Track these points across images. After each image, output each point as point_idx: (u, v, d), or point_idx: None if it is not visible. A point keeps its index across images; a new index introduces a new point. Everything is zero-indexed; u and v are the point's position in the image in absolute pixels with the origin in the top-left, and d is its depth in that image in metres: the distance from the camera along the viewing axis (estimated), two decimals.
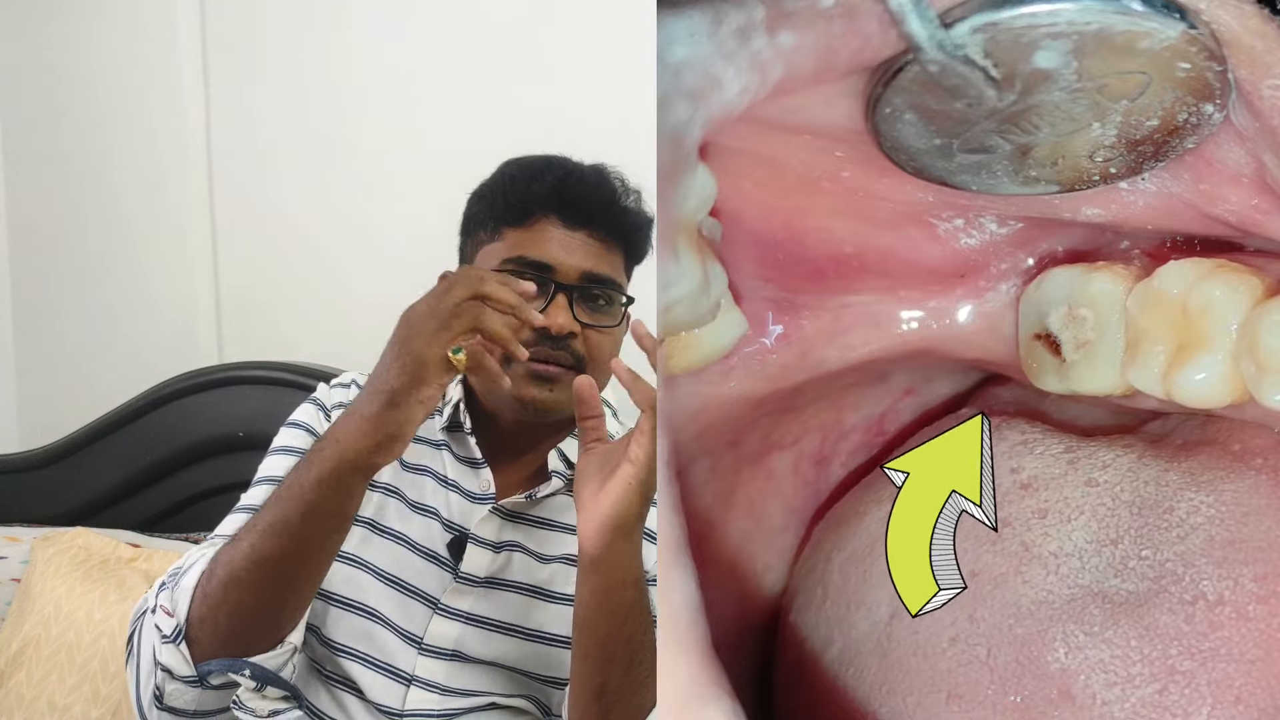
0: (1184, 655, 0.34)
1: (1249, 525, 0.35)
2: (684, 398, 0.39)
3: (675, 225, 0.31)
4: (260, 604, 0.59)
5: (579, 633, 0.57)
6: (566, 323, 0.68)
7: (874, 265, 0.39)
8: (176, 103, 1.34)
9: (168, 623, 0.60)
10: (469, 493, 0.73)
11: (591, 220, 0.70)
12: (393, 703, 0.68)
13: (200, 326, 1.35)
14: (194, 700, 0.61)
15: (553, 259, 0.69)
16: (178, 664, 0.60)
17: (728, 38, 0.27)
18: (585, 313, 0.69)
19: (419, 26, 1.24)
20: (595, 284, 0.70)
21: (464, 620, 0.69)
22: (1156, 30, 0.27)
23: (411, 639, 0.69)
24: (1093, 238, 0.38)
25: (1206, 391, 0.33)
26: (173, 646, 0.60)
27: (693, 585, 0.25)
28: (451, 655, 0.69)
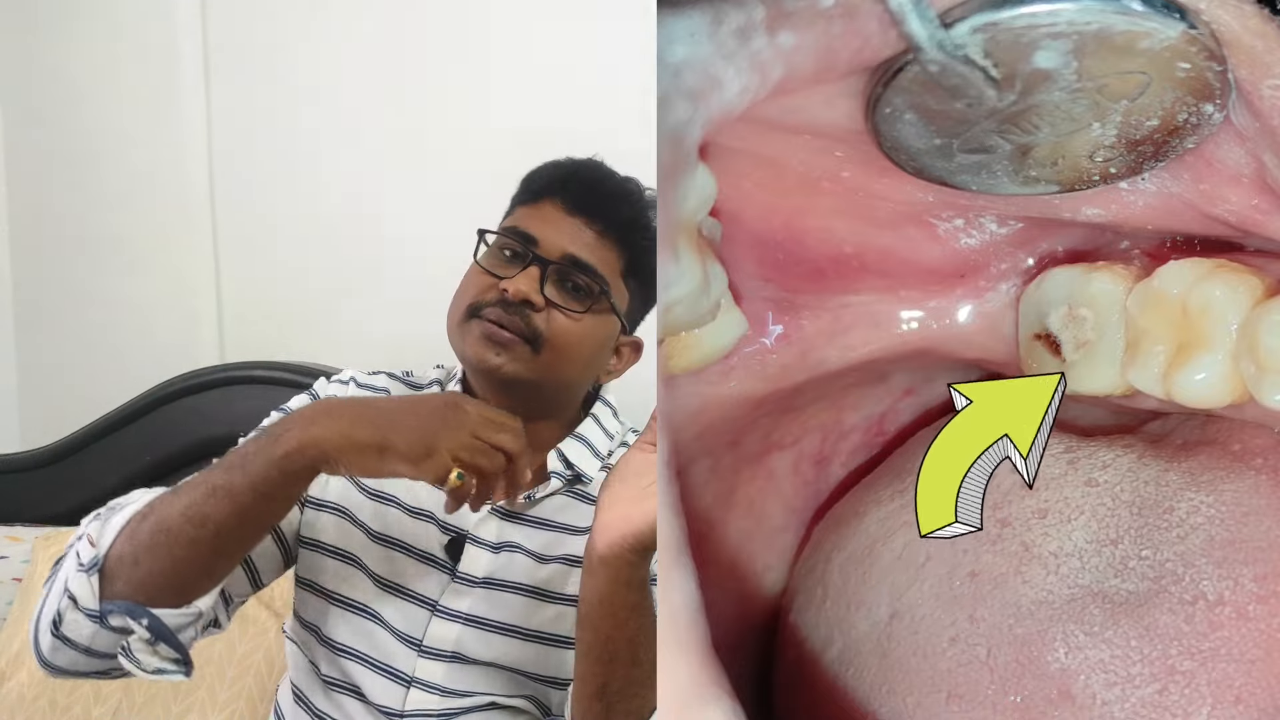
0: (1184, 655, 0.34)
1: (1249, 525, 0.35)
2: (684, 398, 0.39)
3: (675, 225, 0.31)
4: (182, 559, 0.58)
5: (581, 630, 0.57)
6: (525, 289, 0.67)
7: (874, 265, 0.39)
8: (178, 102, 1.34)
9: (88, 551, 0.60)
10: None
11: (592, 210, 0.71)
12: (393, 704, 0.68)
13: (201, 326, 1.35)
14: (89, 636, 0.60)
15: (539, 233, 0.70)
16: (84, 595, 0.59)
17: (728, 38, 0.27)
18: (556, 291, 0.69)
19: (419, 27, 1.24)
20: (574, 266, 0.70)
21: (463, 621, 0.69)
22: (1156, 30, 0.27)
23: (411, 641, 0.69)
24: (1093, 238, 0.38)
25: (1206, 391, 0.33)
26: (85, 575, 0.59)
27: (693, 585, 0.25)
28: (451, 657, 0.69)
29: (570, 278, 0.70)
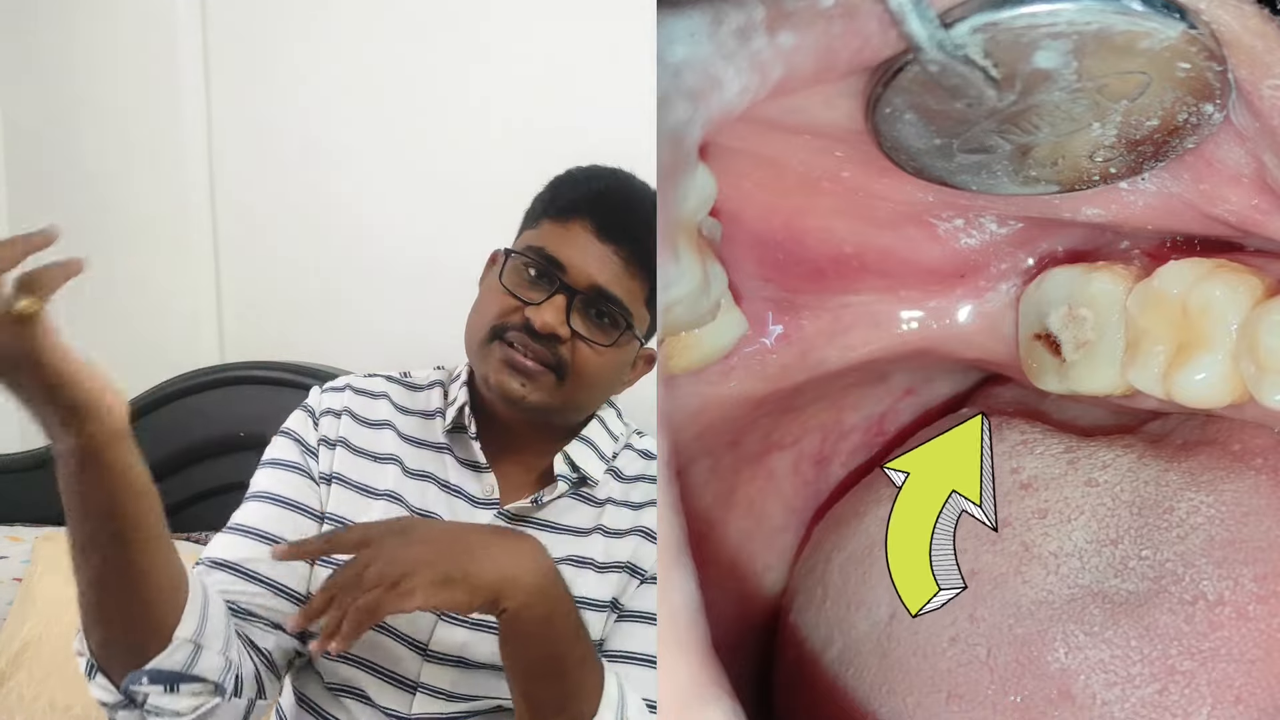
0: (1184, 655, 0.34)
1: (1249, 525, 0.35)
2: (684, 398, 0.39)
3: (675, 225, 0.31)
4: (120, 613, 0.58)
5: (503, 647, 0.58)
6: (552, 322, 0.67)
7: (874, 265, 0.39)
8: (178, 102, 1.34)
9: (82, 661, 0.60)
10: (472, 497, 0.73)
11: (625, 237, 0.69)
12: (400, 708, 0.68)
13: (201, 326, 1.35)
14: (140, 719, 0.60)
15: (568, 260, 0.68)
16: (105, 695, 0.59)
17: (728, 38, 0.27)
18: (582, 323, 0.69)
19: (419, 27, 1.24)
20: (601, 299, 0.69)
21: (469, 625, 0.69)
22: (1156, 30, 0.27)
23: (416, 646, 0.69)
24: (1093, 238, 0.38)
25: (1206, 391, 0.33)
26: (94, 683, 0.60)
27: (693, 585, 0.25)
28: (457, 661, 0.69)
29: (596, 308, 0.69)
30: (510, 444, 0.74)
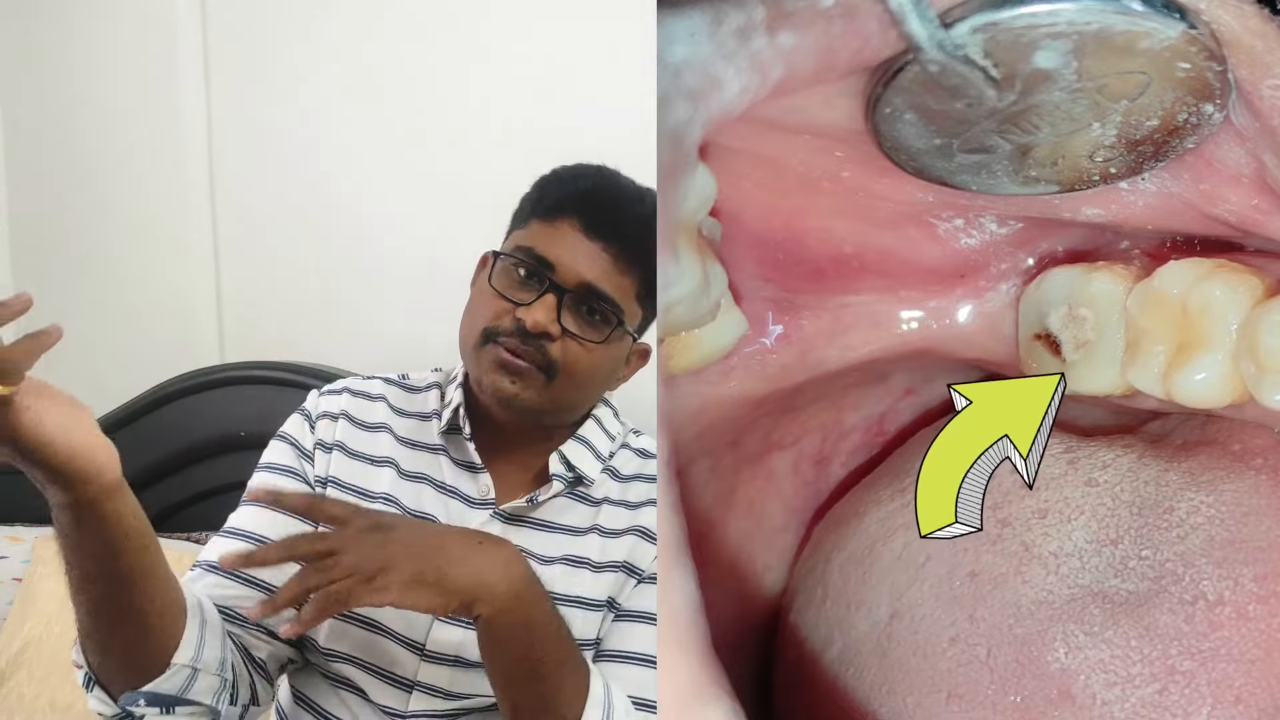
0: (1184, 655, 0.34)
1: (1249, 525, 0.35)
2: (684, 398, 0.39)
3: (675, 225, 0.31)
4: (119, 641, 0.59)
5: (481, 652, 0.58)
6: (543, 320, 0.67)
7: (874, 265, 0.39)
8: (177, 103, 1.34)
9: (80, 675, 0.61)
10: (467, 498, 0.73)
11: (613, 234, 0.69)
12: (396, 706, 0.68)
13: (201, 326, 1.35)
14: None
15: (557, 259, 0.68)
16: (103, 708, 0.60)
17: (728, 38, 0.27)
18: (573, 320, 0.69)
19: (419, 26, 1.24)
20: (591, 296, 0.69)
21: (466, 625, 0.69)
22: (1156, 30, 0.27)
23: (413, 646, 0.69)
24: (1093, 238, 0.38)
25: (1206, 391, 0.33)
26: (92, 696, 0.61)
27: (693, 585, 0.25)
28: (453, 660, 0.69)
29: (587, 305, 0.69)
30: (505, 444, 0.74)
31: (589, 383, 0.71)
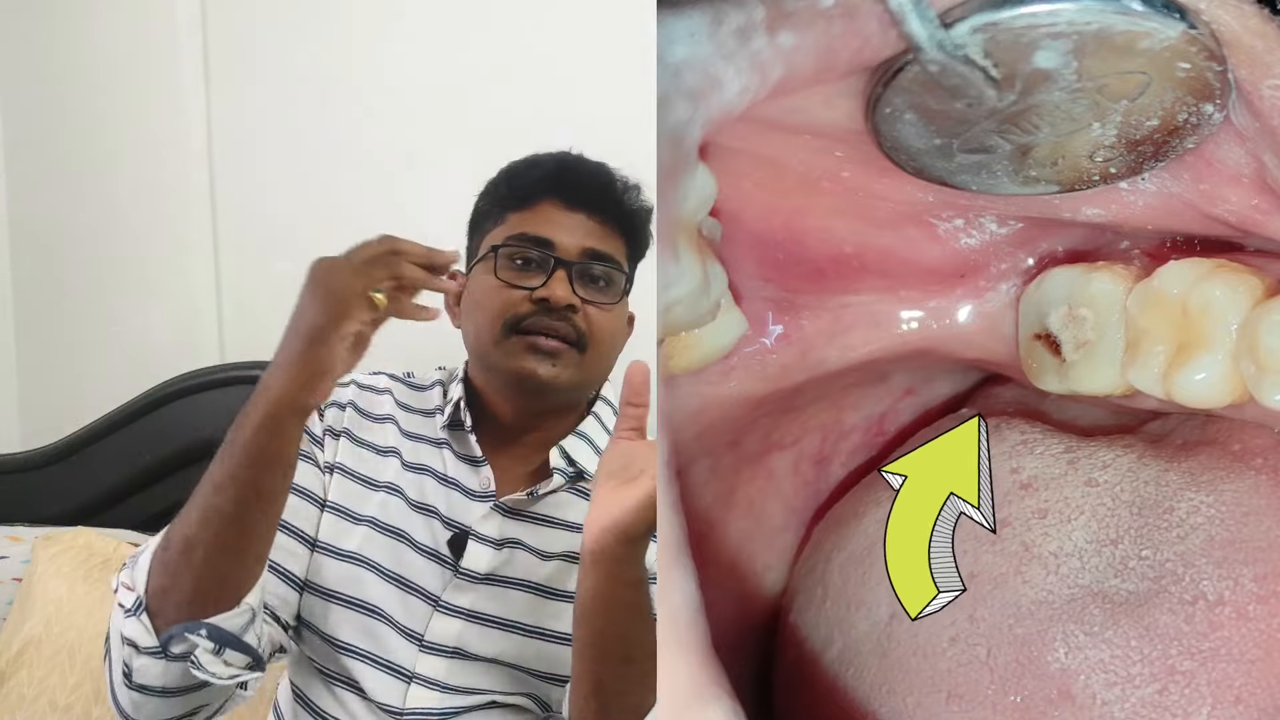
0: (1184, 655, 0.34)
1: (1249, 525, 0.35)
2: (684, 398, 0.39)
3: (675, 225, 0.31)
4: (219, 560, 0.59)
5: (577, 626, 0.57)
6: (565, 294, 0.68)
7: (874, 265, 0.39)
8: (177, 103, 1.34)
9: (129, 596, 0.61)
10: (469, 490, 0.73)
11: (590, 203, 0.71)
12: (393, 700, 0.68)
13: (201, 326, 1.35)
14: (160, 675, 0.60)
15: (553, 235, 0.70)
16: (140, 635, 0.60)
17: (728, 38, 0.27)
18: (585, 289, 0.70)
19: (419, 27, 1.24)
20: (596, 260, 0.70)
21: (465, 617, 0.69)
22: (1156, 30, 0.27)
23: (413, 636, 0.69)
24: (1093, 238, 0.38)
25: (1206, 391, 0.33)
26: (134, 619, 0.60)
27: (693, 585, 0.25)
28: (452, 653, 0.69)
29: (595, 272, 0.70)
30: (507, 438, 0.74)
31: (613, 347, 0.73)
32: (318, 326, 0.59)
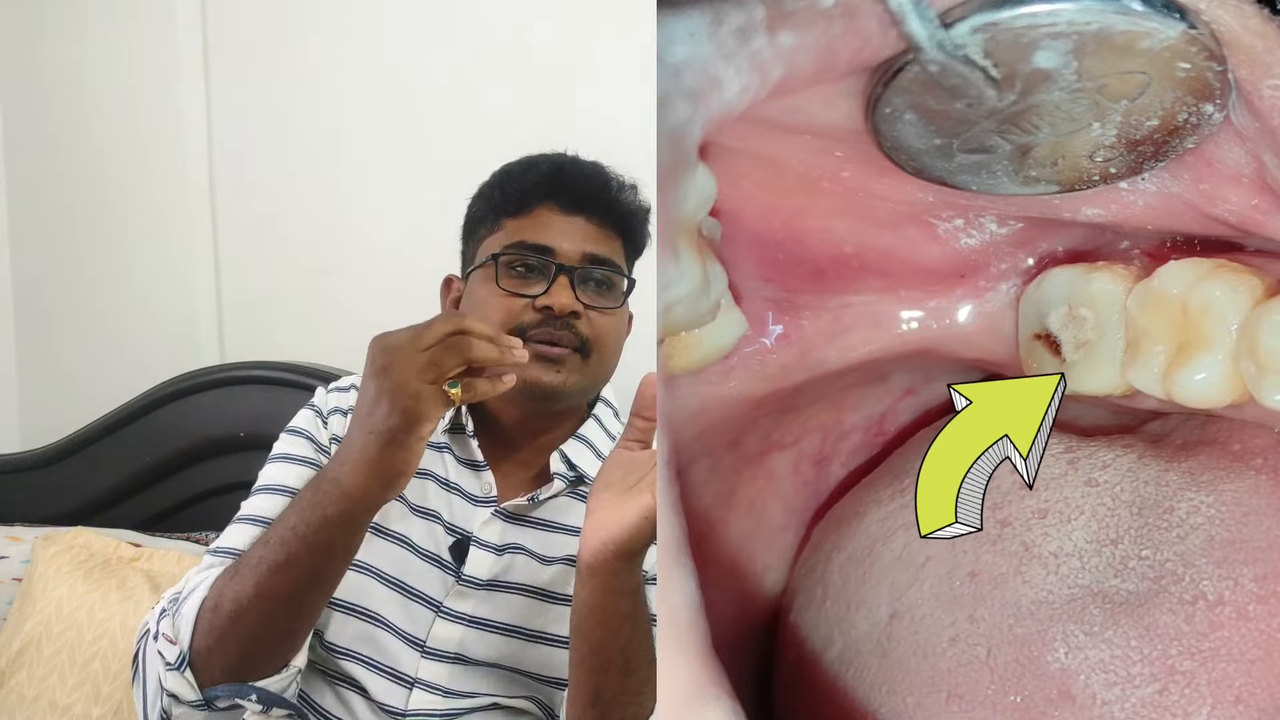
0: (1184, 655, 0.34)
1: (1249, 525, 0.35)
2: (684, 398, 0.39)
3: (675, 225, 0.31)
4: (268, 636, 0.60)
5: (575, 637, 0.57)
6: (569, 302, 0.68)
7: (874, 265, 0.39)
8: (177, 103, 1.34)
9: (171, 650, 0.61)
10: (470, 495, 0.73)
11: (587, 205, 0.71)
12: (396, 703, 0.68)
13: (201, 326, 1.35)
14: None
15: (552, 242, 0.70)
16: (184, 690, 0.60)
17: (728, 38, 0.27)
18: (587, 294, 0.70)
19: (419, 26, 1.24)
20: (596, 265, 0.70)
21: (466, 623, 0.69)
22: (1156, 30, 0.27)
23: (414, 642, 0.69)
24: (1093, 238, 0.38)
25: (1206, 391, 0.33)
26: (178, 674, 0.60)
27: (693, 585, 0.25)
28: (454, 658, 0.69)
29: (597, 277, 0.70)
30: (508, 443, 0.74)
31: (616, 350, 0.73)
32: (395, 429, 0.56)
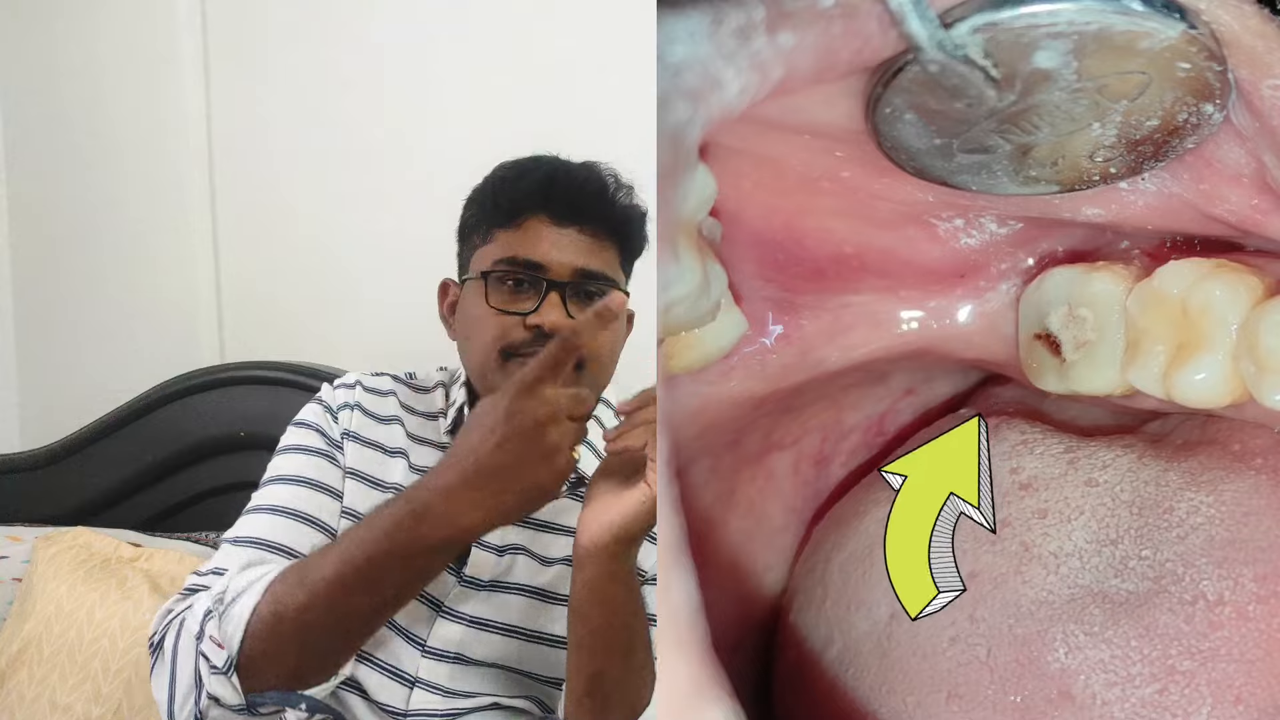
0: (1184, 655, 0.34)
1: (1249, 525, 0.35)
2: (684, 398, 0.39)
3: (675, 225, 0.31)
4: (331, 649, 0.59)
5: (573, 623, 0.57)
6: (559, 320, 0.67)
7: (874, 265, 0.39)
8: (178, 102, 1.34)
9: (218, 654, 0.60)
10: None
11: (581, 216, 0.70)
12: (397, 703, 0.68)
13: (202, 326, 1.35)
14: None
15: (544, 257, 0.69)
16: (228, 694, 0.59)
17: (728, 38, 0.27)
18: (580, 309, 0.69)
19: (420, 26, 1.24)
20: (588, 280, 0.69)
21: (467, 623, 0.69)
22: (1156, 30, 0.27)
23: (415, 641, 0.69)
24: (1093, 238, 0.38)
25: (1206, 391, 0.33)
26: (224, 678, 0.59)
27: (693, 585, 0.25)
28: (454, 658, 0.69)
29: (589, 292, 0.69)
30: None
31: (612, 360, 0.73)
32: (540, 490, 0.55)
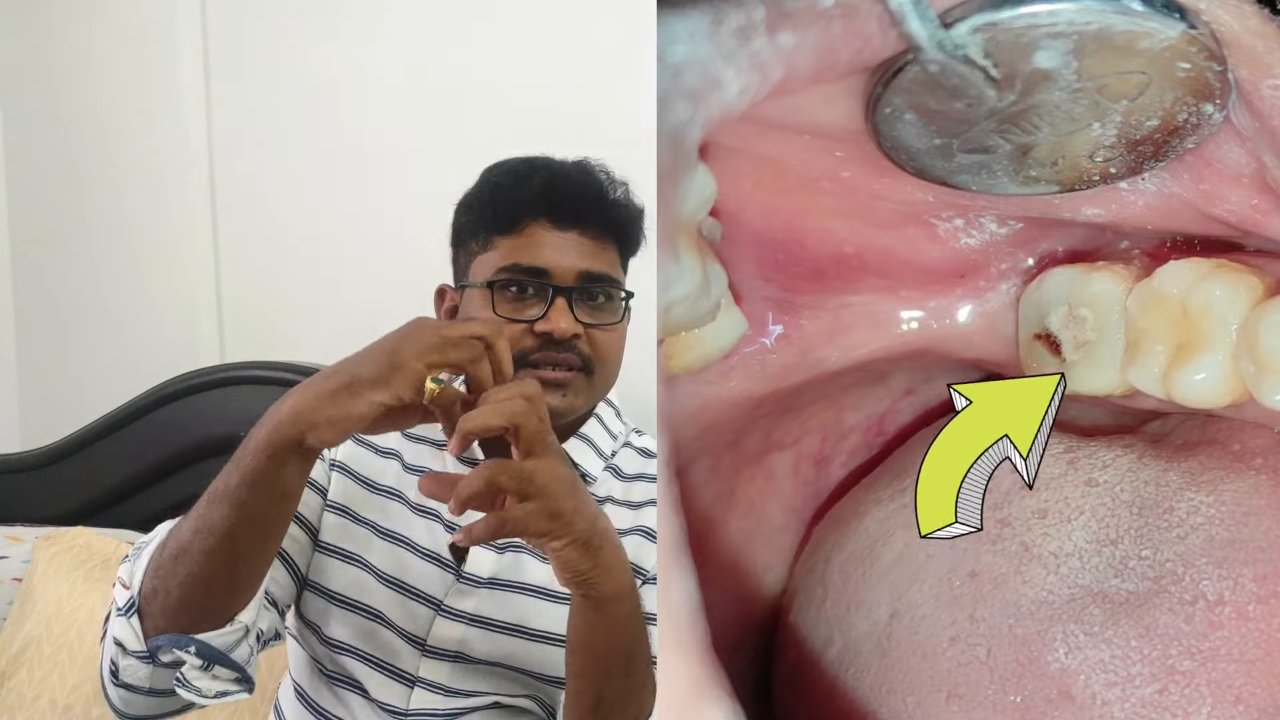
0: (1184, 655, 0.34)
1: (1249, 525, 0.35)
2: (684, 398, 0.39)
3: (675, 225, 0.31)
4: (207, 575, 0.57)
5: (572, 652, 0.57)
6: (569, 326, 0.68)
7: (874, 265, 0.39)
8: (178, 103, 1.34)
9: (123, 595, 0.59)
10: None
11: (581, 219, 0.70)
12: (397, 702, 0.68)
13: (201, 326, 1.35)
14: (146, 677, 0.60)
15: (547, 263, 0.69)
16: (129, 638, 0.59)
17: (728, 38, 0.27)
18: (586, 313, 0.69)
19: (417, 27, 1.24)
20: (593, 283, 0.70)
21: (467, 621, 0.69)
22: (1156, 30, 0.27)
23: (415, 640, 0.69)
24: (1093, 238, 0.38)
25: (1206, 391, 0.33)
26: (124, 619, 0.59)
27: (693, 585, 0.25)
28: (455, 656, 0.69)
29: (594, 294, 0.70)
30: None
31: (618, 362, 0.73)
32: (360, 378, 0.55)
